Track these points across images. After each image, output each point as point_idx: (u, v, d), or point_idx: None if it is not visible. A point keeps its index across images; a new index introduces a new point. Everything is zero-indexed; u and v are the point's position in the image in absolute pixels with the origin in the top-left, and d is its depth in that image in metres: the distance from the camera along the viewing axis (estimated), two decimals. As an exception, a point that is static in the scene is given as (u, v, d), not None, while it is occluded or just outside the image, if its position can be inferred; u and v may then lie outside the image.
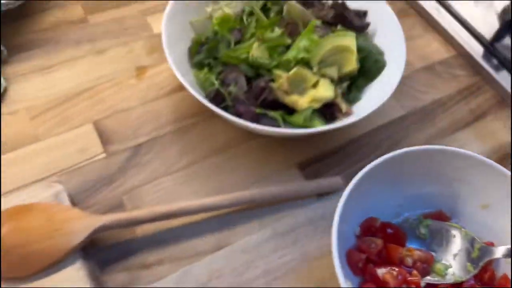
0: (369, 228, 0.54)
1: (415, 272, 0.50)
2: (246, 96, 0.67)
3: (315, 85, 0.68)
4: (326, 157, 0.71)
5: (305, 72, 0.67)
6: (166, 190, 0.66)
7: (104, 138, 0.70)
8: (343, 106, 0.66)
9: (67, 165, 0.67)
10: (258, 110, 0.65)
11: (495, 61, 0.82)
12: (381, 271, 0.49)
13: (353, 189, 0.49)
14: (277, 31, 0.68)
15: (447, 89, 0.81)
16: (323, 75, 0.68)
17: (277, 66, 0.68)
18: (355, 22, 0.74)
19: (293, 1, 0.73)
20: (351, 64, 0.68)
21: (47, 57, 0.79)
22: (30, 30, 0.82)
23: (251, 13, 0.75)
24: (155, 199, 0.65)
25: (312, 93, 0.66)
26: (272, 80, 0.67)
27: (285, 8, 0.73)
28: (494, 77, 0.80)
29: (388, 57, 0.71)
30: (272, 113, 0.66)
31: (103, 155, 0.69)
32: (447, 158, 0.53)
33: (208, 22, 0.76)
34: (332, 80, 0.68)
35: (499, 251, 0.50)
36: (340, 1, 0.75)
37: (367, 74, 0.71)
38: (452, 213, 0.56)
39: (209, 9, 0.75)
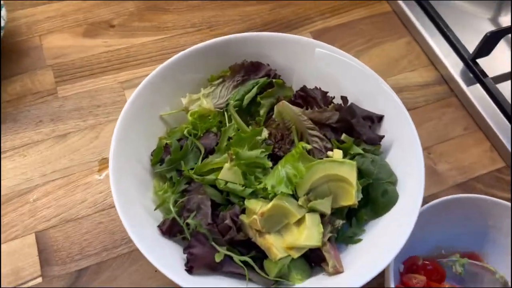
0: (411, 266, 0.59)
1: None
2: (209, 229, 0.53)
3: (300, 222, 0.53)
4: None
5: (287, 206, 0.53)
6: None
7: (44, 257, 0.60)
8: (331, 262, 0.51)
9: (-6, 291, 0.58)
10: (219, 255, 0.52)
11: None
12: None
13: None
14: (256, 150, 0.54)
15: (485, 221, 0.63)
16: (312, 209, 0.53)
17: (253, 194, 0.54)
18: (364, 133, 0.58)
19: (286, 102, 0.58)
20: (350, 199, 0.53)
21: (1, 140, 0.69)
22: (-11, 103, 0.73)
23: (236, 108, 0.62)
24: None
25: (292, 238, 0.52)
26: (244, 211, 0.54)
27: (275, 109, 0.59)
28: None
29: (403, 185, 0.55)
30: (239, 258, 0.52)
31: (39, 280, 0.59)
32: (487, 206, 0.58)
33: (183, 115, 0.63)
34: (323, 216, 0.54)
35: None
36: (347, 103, 0.60)
37: (372, 207, 0.56)
38: (484, 254, 0.60)
39: (185, 100, 0.63)
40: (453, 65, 0.76)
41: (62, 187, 0.65)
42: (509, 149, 0.68)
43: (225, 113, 0.61)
